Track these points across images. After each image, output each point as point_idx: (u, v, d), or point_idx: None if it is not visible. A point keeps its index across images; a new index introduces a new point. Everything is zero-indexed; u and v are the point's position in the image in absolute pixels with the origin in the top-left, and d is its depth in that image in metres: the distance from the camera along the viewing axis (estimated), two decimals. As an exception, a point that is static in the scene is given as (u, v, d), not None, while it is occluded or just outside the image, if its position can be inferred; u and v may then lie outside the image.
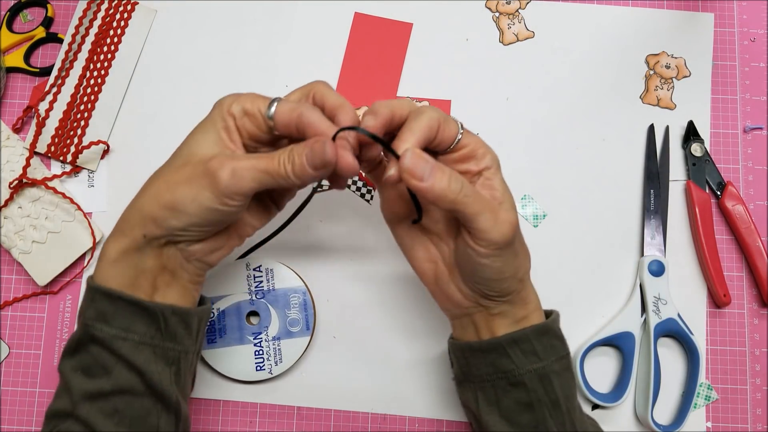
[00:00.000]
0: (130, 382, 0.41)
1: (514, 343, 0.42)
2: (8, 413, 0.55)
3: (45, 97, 0.59)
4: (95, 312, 0.41)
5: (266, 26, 0.61)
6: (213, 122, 0.42)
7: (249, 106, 0.41)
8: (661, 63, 0.61)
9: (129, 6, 0.61)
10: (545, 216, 0.58)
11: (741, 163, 0.59)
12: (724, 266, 0.57)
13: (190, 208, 0.40)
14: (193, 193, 0.39)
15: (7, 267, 0.58)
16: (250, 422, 0.55)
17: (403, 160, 0.38)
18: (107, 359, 0.41)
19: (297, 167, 0.39)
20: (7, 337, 0.57)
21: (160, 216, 0.40)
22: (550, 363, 0.43)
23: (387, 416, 0.55)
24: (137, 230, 0.41)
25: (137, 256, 0.41)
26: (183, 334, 0.43)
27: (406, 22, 0.61)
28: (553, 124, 0.60)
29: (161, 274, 0.43)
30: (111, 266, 0.41)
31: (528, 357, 0.42)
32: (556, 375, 0.43)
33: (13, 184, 0.56)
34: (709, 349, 0.56)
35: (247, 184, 0.39)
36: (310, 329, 0.54)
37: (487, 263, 0.40)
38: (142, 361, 0.41)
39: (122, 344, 0.41)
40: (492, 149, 0.43)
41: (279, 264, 0.55)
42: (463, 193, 0.38)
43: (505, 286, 0.42)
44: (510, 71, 0.61)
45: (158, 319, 0.41)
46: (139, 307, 0.41)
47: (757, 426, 0.55)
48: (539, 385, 0.42)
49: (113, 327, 0.41)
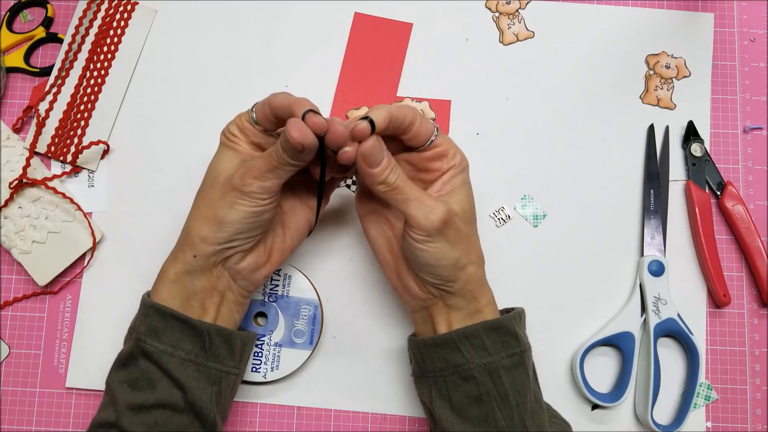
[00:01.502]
0: (172, 397, 0.44)
1: (464, 338, 0.45)
2: (8, 413, 0.55)
3: (45, 97, 0.59)
4: (147, 327, 0.45)
5: (266, 26, 0.61)
6: (223, 146, 0.47)
7: (239, 122, 0.47)
8: (661, 63, 0.61)
9: (129, 6, 0.61)
10: (545, 216, 0.58)
11: (741, 163, 0.59)
12: (724, 266, 0.57)
13: (231, 217, 0.44)
14: (230, 204, 0.44)
15: (7, 267, 0.58)
16: (250, 422, 0.55)
17: (364, 145, 0.43)
18: (154, 373, 0.44)
19: (283, 146, 0.43)
20: (7, 337, 0.57)
21: (206, 232, 0.45)
22: (500, 358, 0.44)
23: (387, 416, 0.55)
24: (188, 252, 0.46)
25: (189, 279, 0.46)
26: (225, 355, 0.46)
27: (406, 22, 0.61)
28: (553, 124, 0.60)
29: (210, 295, 0.46)
30: (167, 287, 0.46)
31: (478, 352, 0.44)
32: (506, 370, 0.44)
33: (13, 184, 0.56)
34: (709, 349, 0.56)
35: (266, 181, 0.44)
36: (314, 344, 0.54)
37: (422, 248, 0.44)
38: (186, 378, 0.44)
39: (169, 359, 0.44)
40: (463, 152, 0.48)
41: (298, 272, 0.55)
42: (396, 183, 0.44)
43: (444, 273, 0.45)
44: (510, 71, 0.61)
45: (204, 338, 0.45)
46: (188, 325, 0.45)
47: (757, 426, 0.55)
48: (488, 378, 0.44)
49: (163, 342, 0.44)
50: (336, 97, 0.60)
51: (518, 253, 0.57)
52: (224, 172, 0.46)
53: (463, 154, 0.48)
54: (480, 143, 0.59)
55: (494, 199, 0.58)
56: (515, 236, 0.57)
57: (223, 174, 0.45)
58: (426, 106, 0.60)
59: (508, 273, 0.57)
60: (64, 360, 0.56)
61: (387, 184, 0.44)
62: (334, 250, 0.57)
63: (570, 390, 0.55)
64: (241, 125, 0.47)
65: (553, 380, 0.55)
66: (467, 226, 0.46)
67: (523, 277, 0.57)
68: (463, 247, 0.45)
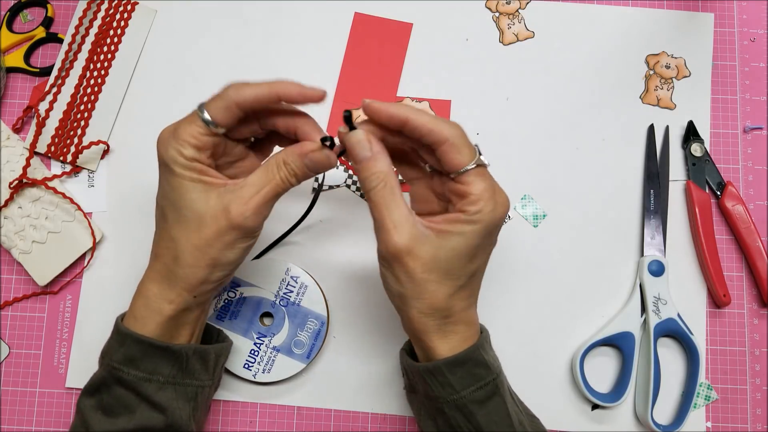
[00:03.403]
0: (152, 421, 0.43)
1: (430, 374, 0.42)
2: (8, 413, 0.55)
3: (45, 97, 0.59)
4: (123, 356, 0.43)
5: (266, 26, 0.61)
6: (184, 178, 0.42)
7: (190, 138, 0.42)
8: (661, 63, 0.61)
9: (129, 6, 0.61)
10: (545, 216, 0.58)
11: (741, 163, 0.59)
12: (724, 266, 0.57)
13: (231, 256, 0.43)
14: (229, 245, 0.43)
15: (7, 267, 0.58)
16: (250, 422, 0.55)
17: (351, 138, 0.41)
18: (131, 400, 0.43)
19: (301, 176, 0.43)
20: (7, 337, 0.57)
21: (206, 277, 0.43)
22: (470, 393, 0.41)
23: (387, 416, 0.55)
24: (186, 295, 0.44)
25: (185, 314, 0.45)
26: (200, 370, 0.46)
27: (406, 22, 0.61)
28: (553, 124, 0.60)
29: (200, 318, 0.47)
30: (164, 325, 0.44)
31: (445, 388, 0.42)
32: (478, 404, 0.42)
33: (13, 184, 0.56)
34: (709, 349, 0.56)
35: (267, 211, 0.43)
36: (310, 358, 0.54)
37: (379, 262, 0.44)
38: (166, 400, 0.44)
39: (148, 386, 0.43)
40: (497, 211, 0.41)
41: (315, 285, 0.55)
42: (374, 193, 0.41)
43: (391, 299, 0.45)
44: (510, 71, 0.61)
45: (182, 360, 0.44)
46: (168, 351, 0.44)
47: (757, 426, 0.55)
48: (458, 414, 0.42)
49: (141, 370, 0.43)
50: (336, 97, 0.60)
51: (518, 253, 0.57)
52: (209, 213, 0.42)
53: (494, 212, 0.40)
54: (480, 143, 0.59)
55: (494, 199, 0.58)
56: (515, 236, 0.57)
57: (207, 215, 0.42)
58: (426, 106, 0.60)
59: (508, 273, 0.57)
60: (64, 360, 0.56)
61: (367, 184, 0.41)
62: (335, 249, 0.57)
63: (570, 390, 0.55)
64: (196, 140, 0.42)
65: (553, 380, 0.55)
66: (431, 274, 0.40)
67: (523, 277, 0.57)
68: (412, 290, 0.41)
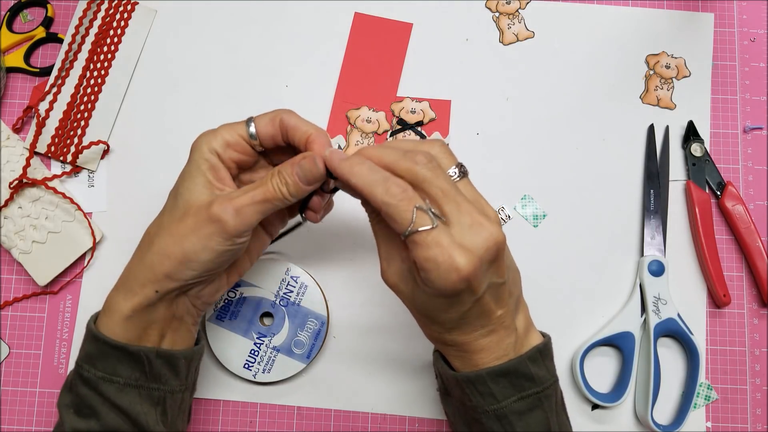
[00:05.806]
0: (117, 423, 0.42)
1: (470, 383, 0.41)
2: (8, 413, 0.55)
3: (45, 97, 0.59)
4: (84, 353, 0.43)
5: (266, 26, 0.61)
6: (197, 166, 0.43)
7: (228, 136, 0.43)
8: (661, 63, 0.61)
9: (129, 6, 0.61)
10: (545, 216, 0.58)
11: (741, 163, 0.59)
12: (724, 266, 0.57)
13: (203, 256, 0.41)
14: (203, 242, 0.41)
15: (7, 267, 0.58)
16: (250, 422, 0.55)
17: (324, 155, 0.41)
18: (94, 400, 0.42)
19: (291, 187, 0.41)
20: (7, 337, 0.57)
21: (173, 271, 0.42)
22: (510, 404, 0.41)
23: (387, 416, 0.55)
24: (149, 288, 0.42)
25: (148, 312, 0.43)
26: (168, 375, 0.44)
27: (406, 22, 0.61)
28: (553, 124, 0.60)
29: (169, 323, 0.44)
30: (121, 325, 0.43)
31: (485, 398, 0.41)
32: (518, 415, 0.41)
33: (13, 184, 0.56)
34: (709, 349, 0.56)
35: (252, 217, 0.41)
36: (310, 358, 0.54)
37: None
38: (128, 403, 0.42)
39: (108, 386, 0.42)
40: (446, 280, 0.37)
41: (315, 285, 0.55)
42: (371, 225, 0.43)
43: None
44: (510, 71, 0.61)
45: (143, 362, 0.43)
46: (125, 352, 0.42)
47: (757, 426, 0.55)
48: (497, 424, 0.41)
49: (99, 369, 0.42)
50: (336, 97, 0.60)
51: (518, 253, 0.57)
52: (195, 204, 0.41)
53: (442, 280, 0.37)
54: (480, 143, 0.59)
55: (494, 199, 0.58)
56: (515, 236, 0.57)
57: (194, 206, 0.41)
58: (426, 106, 0.60)
59: (508, 273, 0.57)
60: (64, 360, 0.56)
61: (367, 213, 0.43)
62: (336, 249, 0.57)
63: (570, 390, 0.55)
64: (233, 140, 0.43)
65: (553, 380, 0.55)
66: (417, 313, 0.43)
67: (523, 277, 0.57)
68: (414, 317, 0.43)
